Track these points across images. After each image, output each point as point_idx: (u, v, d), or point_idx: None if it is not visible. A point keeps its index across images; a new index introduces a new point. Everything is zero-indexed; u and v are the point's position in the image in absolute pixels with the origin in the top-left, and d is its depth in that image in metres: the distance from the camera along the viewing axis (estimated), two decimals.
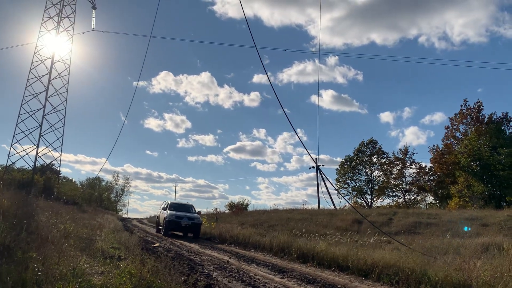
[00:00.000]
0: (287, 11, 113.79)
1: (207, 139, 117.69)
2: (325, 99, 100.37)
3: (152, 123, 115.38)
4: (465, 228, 17.55)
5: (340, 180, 52.89)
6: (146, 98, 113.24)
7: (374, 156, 51.74)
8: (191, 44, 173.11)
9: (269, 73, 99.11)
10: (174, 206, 20.05)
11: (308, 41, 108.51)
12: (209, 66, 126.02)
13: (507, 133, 39.74)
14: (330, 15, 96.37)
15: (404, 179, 50.19)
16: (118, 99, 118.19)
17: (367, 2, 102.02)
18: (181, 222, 18.16)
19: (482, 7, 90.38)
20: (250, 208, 35.46)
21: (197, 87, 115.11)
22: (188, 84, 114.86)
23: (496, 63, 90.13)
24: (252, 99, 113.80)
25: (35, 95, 37.68)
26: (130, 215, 69.75)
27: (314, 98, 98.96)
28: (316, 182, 40.82)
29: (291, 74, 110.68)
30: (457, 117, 43.09)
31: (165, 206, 20.11)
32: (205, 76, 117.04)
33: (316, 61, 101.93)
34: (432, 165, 46.20)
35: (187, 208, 20.56)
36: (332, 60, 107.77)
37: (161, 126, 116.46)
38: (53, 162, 39.33)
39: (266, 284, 7.00)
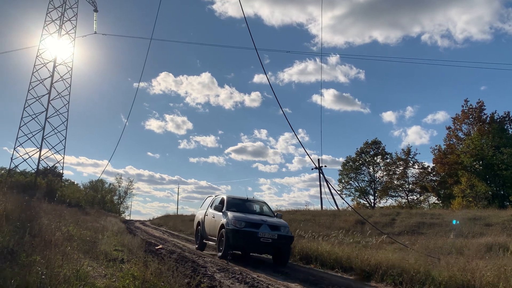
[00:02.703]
0: (288, 10, 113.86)
1: (208, 140, 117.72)
2: (327, 99, 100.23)
3: (153, 125, 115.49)
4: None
5: (343, 180, 52.91)
6: (147, 99, 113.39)
7: (378, 157, 51.72)
8: (190, 45, 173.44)
9: (269, 73, 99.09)
10: (235, 204, 12.13)
11: (309, 40, 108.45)
12: (209, 67, 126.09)
13: (510, 132, 39.66)
14: (331, 13, 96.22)
15: (407, 179, 50.14)
16: (119, 101, 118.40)
17: (369, 0, 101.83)
18: (258, 233, 10.22)
19: (485, 3, 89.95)
20: None
21: (197, 87, 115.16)
22: (189, 84, 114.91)
23: (499, 64, 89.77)
24: (253, 99, 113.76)
25: (37, 98, 37.87)
26: (133, 217, 69.81)
27: (315, 98, 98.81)
28: (318, 183, 40.91)
29: (292, 73, 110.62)
30: (459, 117, 43.02)
31: (218, 204, 12.05)
32: (205, 76, 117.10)
33: (318, 60, 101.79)
34: (434, 165, 46.12)
35: (258, 207, 12.81)
36: (333, 59, 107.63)
37: (162, 128, 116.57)
38: (56, 164, 39.50)
39: (269, 286, 6.99)
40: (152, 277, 5.36)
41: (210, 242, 12.17)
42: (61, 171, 40.77)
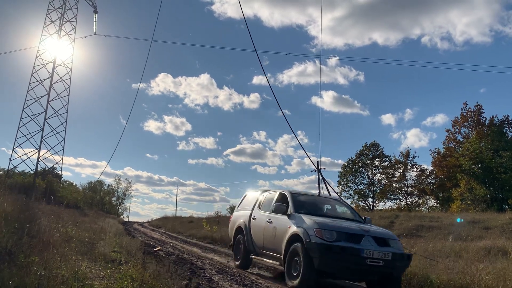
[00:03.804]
0: (287, 11, 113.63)
1: (207, 142, 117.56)
2: (326, 100, 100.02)
3: (152, 126, 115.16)
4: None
5: (342, 183, 52.95)
6: (145, 100, 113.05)
7: (376, 159, 51.81)
8: (189, 46, 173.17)
9: (269, 75, 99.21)
10: (306, 203, 8.57)
11: (309, 42, 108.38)
12: (208, 68, 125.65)
13: (509, 135, 39.77)
14: (331, 14, 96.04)
15: (405, 182, 50.19)
16: (117, 101, 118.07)
17: (369, 1, 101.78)
18: (362, 251, 6.60)
19: (486, 5, 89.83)
20: None
21: (196, 89, 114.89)
22: (187, 86, 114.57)
23: (499, 67, 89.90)
24: (252, 101, 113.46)
25: (36, 99, 37.98)
26: (132, 218, 69.78)
27: (314, 100, 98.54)
28: (317, 185, 40.76)
29: (291, 75, 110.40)
30: (458, 120, 43.12)
31: (278, 204, 8.27)
32: (204, 77, 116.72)
33: (317, 61, 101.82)
34: (433, 168, 46.19)
35: (336, 207, 9.25)
36: (332, 60, 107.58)
37: (161, 129, 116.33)
38: (55, 165, 39.50)
39: None
40: (150, 278, 5.35)
41: (266, 260, 8.34)
42: (59, 172, 40.79)
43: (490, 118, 41.09)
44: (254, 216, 9.29)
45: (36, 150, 37.20)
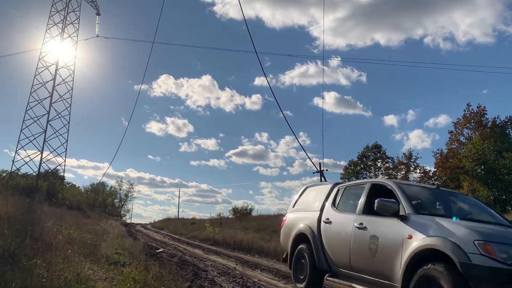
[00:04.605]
0: (289, 12, 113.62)
1: (209, 143, 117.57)
2: (328, 101, 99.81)
3: (154, 127, 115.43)
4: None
5: None
6: (147, 101, 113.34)
7: (379, 161, 51.72)
8: (191, 47, 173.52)
9: (270, 76, 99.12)
10: (426, 201, 5.45)
11: (310, 42, 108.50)
12: (210, 69, 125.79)
13: None
14: (333, 15, 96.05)
15: None
16: (119, 103, 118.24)
17: (371, 2, 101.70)
18: None
19: (489, 5, 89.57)
20: (254, 213, 35.05)
21: (198, 90, 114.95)
22: (189, 87, 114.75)
23: (502, 67, 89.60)
24: (253, 102, 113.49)
25: (39, 101, 38.09)
26: (134, 220, 69.92)
27: (317, 100, 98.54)
28: None
29: (293, 76, 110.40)
30: (461, 121, 43.01)
31: (382, 201, 4.98)
32: (206, 79, 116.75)
33: (319, 62, 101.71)
34: (436, 169, 46.08)
35: (464, 205, 6.04)
36: (335, 61, 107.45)
37: (163, 130, 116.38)
38: (57, 167, 39.58)
39: None
40: (153, 280, 5.36)
41: (357, 287, 5.38)
42: (62, 174, 40.88)
43: (493, 119, 40.99)
44: (328, 219, 6.53)
45: (39, 152, 37.34)
